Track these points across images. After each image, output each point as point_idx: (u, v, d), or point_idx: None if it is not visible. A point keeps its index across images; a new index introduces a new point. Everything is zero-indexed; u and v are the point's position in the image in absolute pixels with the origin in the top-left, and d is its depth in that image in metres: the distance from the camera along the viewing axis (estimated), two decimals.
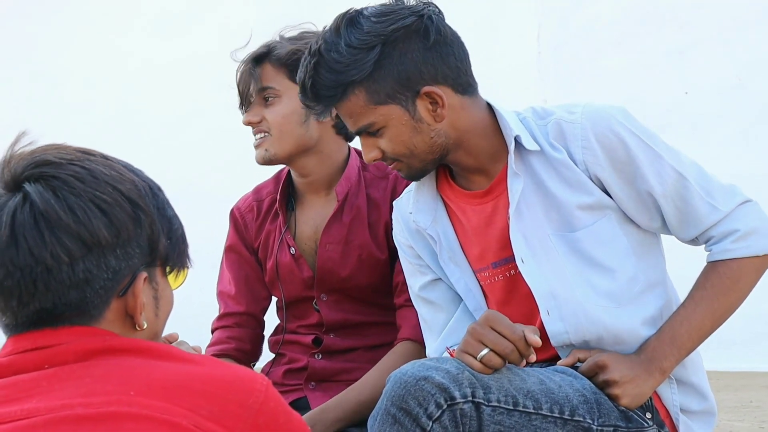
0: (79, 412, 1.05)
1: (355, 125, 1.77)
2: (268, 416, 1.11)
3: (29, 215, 1.11)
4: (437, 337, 1.90)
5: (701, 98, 4.51)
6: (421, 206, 1.88)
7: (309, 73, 1.73)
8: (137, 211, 1.17)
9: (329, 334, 2.20)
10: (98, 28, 5.26)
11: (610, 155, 1.74)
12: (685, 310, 1.75)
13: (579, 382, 1.67)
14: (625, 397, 1.68)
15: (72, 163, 1.15)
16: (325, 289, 2.19)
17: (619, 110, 1.77)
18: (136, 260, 1.17)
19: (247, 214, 2.27)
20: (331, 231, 2.16)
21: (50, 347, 1.12)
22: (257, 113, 2.11)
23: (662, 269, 1.84)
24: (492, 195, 1.82)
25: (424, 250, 1.91)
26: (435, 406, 1.49)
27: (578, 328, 1.75)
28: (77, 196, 1.13)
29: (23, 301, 1.12)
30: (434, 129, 1.75)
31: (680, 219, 1.77)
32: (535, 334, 1.58)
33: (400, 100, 1.73)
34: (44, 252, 1.10)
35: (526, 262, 1.77)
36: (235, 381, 1.12)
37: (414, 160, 1.78)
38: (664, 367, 1.72)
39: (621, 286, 1.76)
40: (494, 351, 1.56)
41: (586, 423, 1.63)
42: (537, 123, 1.80)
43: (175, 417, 1.05)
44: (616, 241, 1.77)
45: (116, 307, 1.17)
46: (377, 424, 1.52)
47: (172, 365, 1.13)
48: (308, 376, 2.19)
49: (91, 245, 1.12)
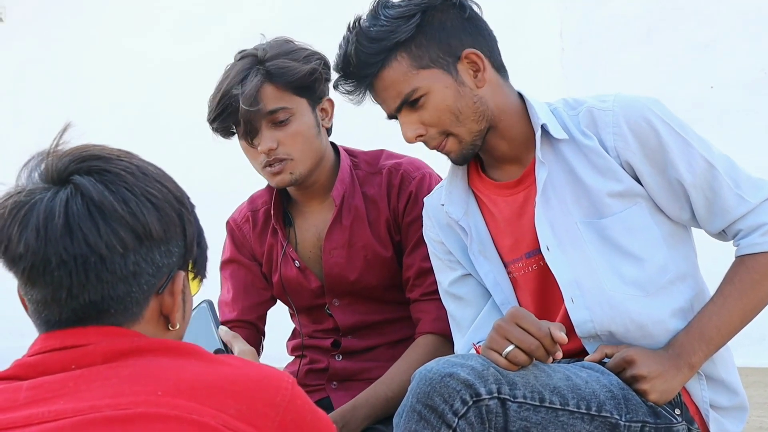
0: (107, 413, 1.05)
1: (398, 96, 1.76)
2: (295, 414, 1.11)
3: (83, 206, 1.11)
4: (465, 333, 1.90)
5: (726, 92, 4.47)
6: (453, 198, 1.88)
7: (351, 44, 1.75)
8: (182, 208, 1.19)
9: (347, 336, 2.20)
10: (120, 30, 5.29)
11: (642, 142, 1.73)
12: (714, 305, 1.74)
13: (606, 377, 1.66)
14: (653, 393, 1.66)
15: (120, 158, 1.17)
16: (335, 295, 2.17)
17: (651, 100, 1.77)
18: (175, 260, 1.18)
19: (243, 225, 2.24)
20: (333, 236, 2.13)
21: (78, 347, 1.12)
22: (272, 138, 2.00)
23: (693, 262, 1.83)
24: (523, 185, 1.82)
25: (454, 244, 1.91)
26: (461, 403, 1.48)
27: (603, 317, 1.74)
28: (130, 189, 1.14)
29: (73, 292, 1.12)
30: (476, 94, 1.77)
31: (708, 209, 1.76)
32: (561, 331, 1.56)
33: (442, 64, 1.75)
34: (99, 241, 1.11)
35: (552, 250, 1.77)
36: (262, 379, 1.11)
37: (462, 130, 1.77)
38: (692, 363, 1.70)
39: (649, 275, 1.75)
40: (520, 348, 1.55)
41: (613, 419, 1.61)
42: (568, 113, 1.81)
43: (204, 417, 1.05)
44: (646, 230, 1.76)
45: (153, 305, 1.18)
46: (403, 421, 1.51)
47: (200, 365, 1.13)
48: (330, 377, 2.19)
49: (143, 238, 1.13)
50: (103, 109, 5.23)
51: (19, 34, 5.39)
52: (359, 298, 2.17)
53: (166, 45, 5.22)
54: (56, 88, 5.32)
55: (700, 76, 4.52)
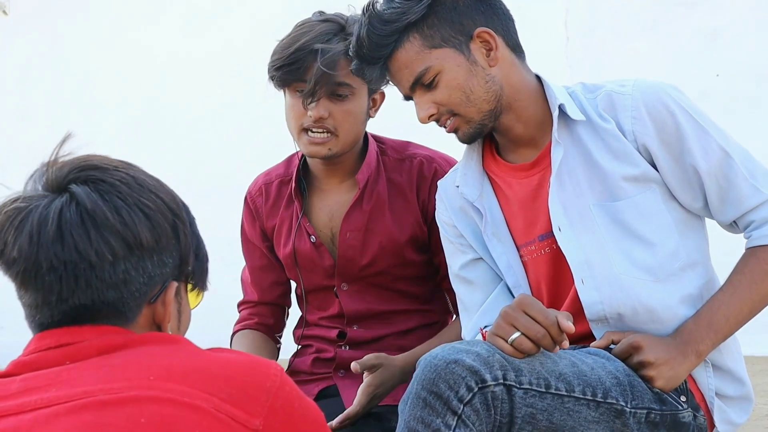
0: (100, 397, 1.07)
1: (411, 75, 1.77)
2: (284, 399, 1.13)
3: (76, 214, 1.14)
4: (473, 316, 1.90)
5: (733, 81, 4.45)
6: (468, 180, 1.89)
7: (364, 27, 1.76)
8: (176, 220, 1.21)
9: (352, 326, 2.20)
10: (126, 24, 5.29)
11: (659, 127, 1.74)
12: (724, 295, 1.74)
13: (612, 364, 1.66)
14: (659, 379, 1.66)
15: (117, 169, 1.20)
16: (346, 279, 2.17)
17: (671, 86, 1.78)
18: (168, 270, 1.21)
19: (257, 198, 2.25)
20: (351, 219, 2.14)
21: (72, 344, 1.15)
22: (326, 108, 2.02)
23: (705, 251, 1.83)
24: (539, 167, 1.82)
25: (466, 228, 1.91)
26: (466, 389, 1.48)
27: (613, 299, 1.74)
28: (123, 200, 1.17)
29: (63, 296, 1.15)
30: (489, 73, 1.77)
31: (722, 198, 1.76)
32: (568, 320, 1.56)
33: (454, 44, 1.76)
34: (89, 248, 1.14)
35: (563, 231, 1.77)
36: (252, 366, 1.14)
37: (471, 110, 1.77)
38: (700, 351, 1.71)
39: (660, 260, 1.75)
40: (526, 335, 1.55)
41: (619, 405, 1.61)
42: (586, 96, 1.81)
43: (195, 400, 1.07)
44: (659, 215, 1.76)
45: (146, 314, 1.20)
46: (408, 408, 1.51)
47: (190, 352, 1.15)
48: (336, 366, 2.19)
49: (134, 247, 1.16)
50: (109, 103, 5.24)
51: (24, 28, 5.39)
52: (368, 285, 2.17)
53: (172, 39, 5.22)
54: (62, 83, 5.32)
55: (707, 64, 4.50)
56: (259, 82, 2.21)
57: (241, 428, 1.08)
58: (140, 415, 1.05)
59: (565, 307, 1.79)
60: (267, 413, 1.11)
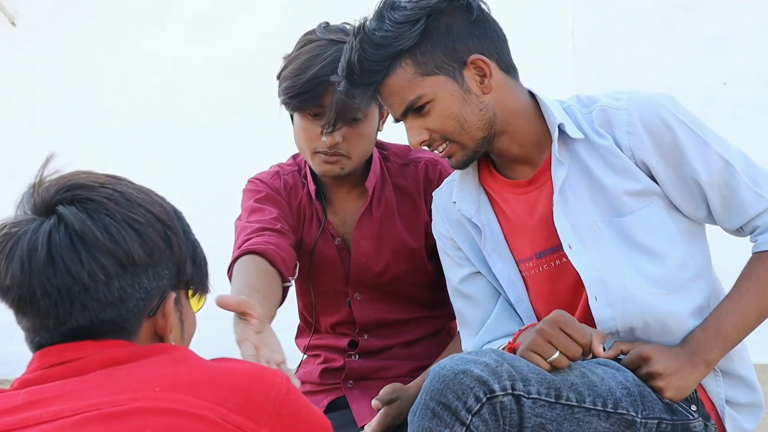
0: (106, 410, 1.07)
1: (403, 103, 1.74)
2: (291, 408, 1.13)
3: (65, 236, 1.14)
4: (474, 333, 1.89)
5: (740, 88, 4.44)
6: (464, 195, 1.87)
7: (355, 51, 1.72)
8: (168, 232, 1.20)
9: (363, 335, 2.19)
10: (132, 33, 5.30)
11: (657, 141, 1.72)
12: (731, 302, 1.73)
13: (622, 374, 1.65)
14: (669, 390, 1.65)
15: (104, 186, 1.19)
16: (359, 287, 2.16)
17: (666, 97, 1.76)
18: (165, 281, 1.20)
19: (274, 181, 2.16)
20: (363, 226, 2.13)
21: (75, 360, 1.15)
22: (341, 134, 2.00)
23: (708, 260, 1.82)
24: (536, 184, 1.81)
25: (464, 241, 1.90)
26: (474, 400, 1.48)
27: (625, 315, 1.73)
28: (111, 217, 1.16)
29: (60, 319, 1.15)
30: (482, 101, 1.74)
31: (726, 208, 1.75)
32: (600, 345, 1.58)
33: (447, 71, 1.72)
34: (81, 271, 1.13)
35: (574, 248, 1.75)
36: (257, 374, 1.14)
37: (465, 137, 1.75)
38: (709, 360, 1.70)
39: (671, 272, 1.74)
40: (564, 354, 1.56)
41: (629, 416, 1.60)
42: (581, 111, 1.79)
43: (202, 410, 1.07)
44: (665, 227, 1.75)
45: (147, 327, 1.20)
46: (417, 418, 1.50)
47: (197, 363, 1.15)
48: (346, 376, 2.18)
49: (126, 264, 1.16)
50: (117, 110, 5.24)
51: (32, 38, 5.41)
52: (381, 293, 2.16)
53: (178, 46, 5.22)
54: (70, 90, 5.33)
55: (713, 71, 4.49)
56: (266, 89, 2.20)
57: None
58: (146, 426, 1.05)
59: None
60: (274, 422, 1.10)
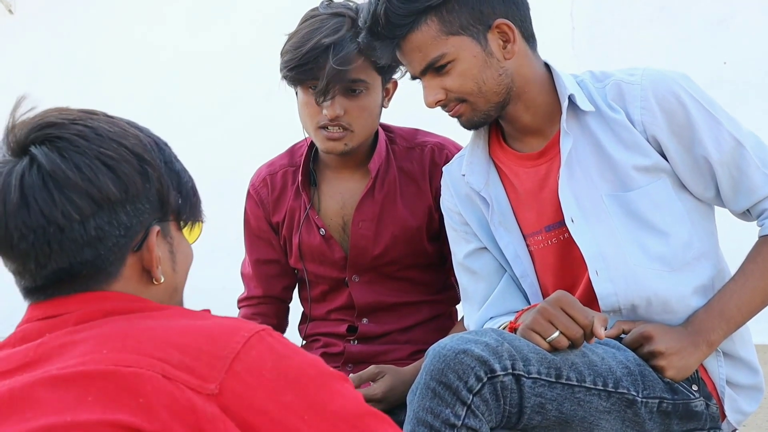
0: (54, 373, 1.07)
1: (424, 60, 1.74)
2: (250, 362, 1.10)
3: (37, 177, 1.12)
4: (478, 307, 1.89)
5: (740, 69, 4.43)
6: (474, 168, 1.87)
7: (382, 4, 1.71)
8: (143, 165, 1.17)
9: (362, 319, 2.18)
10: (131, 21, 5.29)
11: (669, 118, 1.72)
12: (735, 284, 1.72)
13: (622, 353, 1.65)
14: (670, 369, 1.65)
15: (75, 122, 1.16)
16: (357, 270, 2.16)
17: (681, 75, 1.76)
18: (147, 215, 1.18)
19: (261, 189, 2.22)
20: (363, 208, 2.12)
21: (56, 317, 1.14)
22: (341, 105, 1.99)
23: (715, 240, 1.81)
24: (546, 157, 1.80)
25: (472, 215, 1.90)
26: (475, 379, 1.47)
27: (627, 291, 1.72)
28: (82, 154, 1.14)
29: (40, 262, 1.14)
30: (503, 66, 1.74)
31: (734, 188, 1.74)
32: (602, 327, 1.57)
33: (472, 32, 1.72)
34: (55, 211, 1.12)
35: (576, 222, 1.75)
36: (213, 333, 1.12)
37: (480, 100, 1.75)
38: (711, 340, 1.69)
39: (674, 250, 1.73)
40: (564, 334, 1.55)
41: (630, 395, 1.60)
42: (595, 85, 1.79)
43: (142, 368, 1.06)
44: (671, 205, 1.74)
45: (132, 262, 1.18)
46: (417, 398, 1.50)
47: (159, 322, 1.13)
48: (345, 360, 2.18)
49: (101, 202, 1.14)
50: (116, 100, 5.23)
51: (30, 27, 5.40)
52: (380, 276, 2.16)
53: (178, 35, 5.22)
54: (68, 79, 5.33)
55: (714, 52, 4.48)
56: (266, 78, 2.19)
57: (193, 393, 1.07)
58: (88, 393, 1.05)
59: (577, 297, 1.78)
60: (224, 377, 1.08)
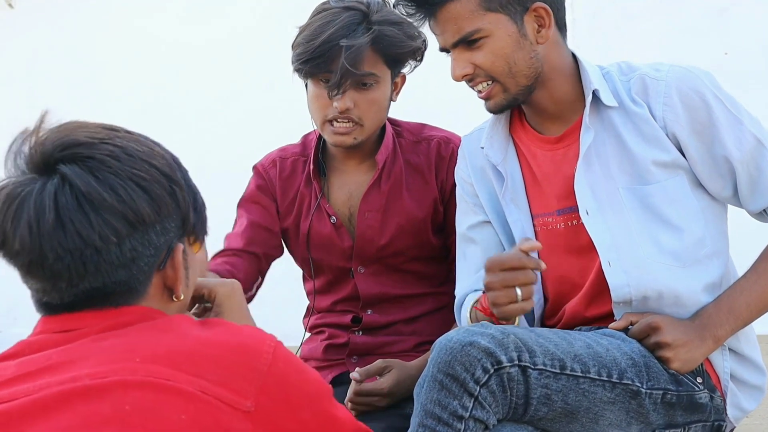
0: (86, 383, 1.06)
1: (458, 32, 1.74)
2: (278, 377, 1.11)
3: (71, 197, 1.11)
4: (473, 271, 1.89)
5: (741, 59, 4.42)
6: (493, 142, 1.88)
7: None
8: (173, 185, 1.18)
9: (366, 310, 2.20)
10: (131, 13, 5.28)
11: (691, 115, 1.72)
12: (746, 281, 1.73)
13: (627, 345, 1.65)
14: (675, 361, 1.66)
15: (104, 142, 1.16)
16: (362, 260, 2.17)
17: (705, 73, 1.76)
18: (172, 234, 1.19)
19: (270, 169, 2.22)
20: (370, 199, 2.14)
21: (74, 330, 1.14)
22: (351, 99, 2.00)
23: (726, 241, 1.82)
24: (565, 142, 1.81)
25: (483, 189, 1.91)
26: (482, 371, 1.48)
27: (640, 283, 1.72)
28: (115, 175, 1.13)
29: (73, 282, 1.13)
30: (535, 50, 1.75)
31: (752, 188, 1.75)
32: (526, 244, 1.56)
33: (510, 11, 1.73)
34: (92, 234, 1.11)
35: (591, 215, 1.76)
36: (241, 344, 1.12)
37: (510, 81, 1.76)
38: (718, 335, 1.70)
39: (687, 246, 1.74)
40: (524, 285, 1.56)
41: (635, 386, 1.61)
42: (620, 78, 1.80)
43: (180, 383, 1.06)
44: (687, 201, 1.75)
45: (156, 282, 1.19)
46: (425, 391, 1.51)
47: (181, 333, 1.13)
48: (350, 351, 2.20)
49: (136, 223, 1.14)
50: (116, 91, 5.24)
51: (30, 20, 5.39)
52: (385, 267, 2.17)
53: (178, 26, 5.21)
54: (69, 72, 5.32)
55: (715, 42, 4.47)
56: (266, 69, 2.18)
57: (230, 410, 1.07)
58: (125, 402, 1.04)
59: (587, 287, 1.79)
60: (258, 393, 1.09)
